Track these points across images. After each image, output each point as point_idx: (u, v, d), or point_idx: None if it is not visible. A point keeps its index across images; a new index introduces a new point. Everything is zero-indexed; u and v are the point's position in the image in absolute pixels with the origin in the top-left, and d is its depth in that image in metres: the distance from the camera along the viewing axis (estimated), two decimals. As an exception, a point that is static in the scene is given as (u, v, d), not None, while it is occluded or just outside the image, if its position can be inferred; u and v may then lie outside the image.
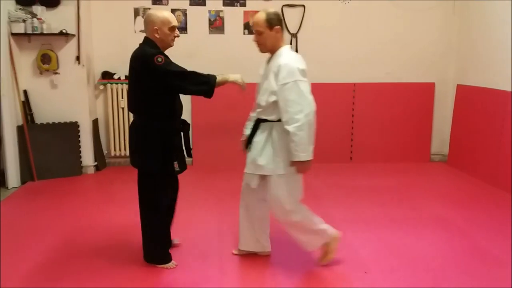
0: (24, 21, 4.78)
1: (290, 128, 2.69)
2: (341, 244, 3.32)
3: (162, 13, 2.83)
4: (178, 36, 2.92)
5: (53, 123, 5.09)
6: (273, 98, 2.76)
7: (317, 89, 5.60)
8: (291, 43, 5.60)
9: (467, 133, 5.43)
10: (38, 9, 4.86)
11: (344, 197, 4.46)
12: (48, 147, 5.02)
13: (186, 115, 5.52)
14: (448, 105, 5.86)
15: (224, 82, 2.83)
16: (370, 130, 5.85)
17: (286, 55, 2.80)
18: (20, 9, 4.82)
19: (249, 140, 2.93)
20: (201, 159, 5.57)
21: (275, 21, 2.79)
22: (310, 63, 5.58)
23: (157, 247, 3.00)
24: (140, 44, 2.90)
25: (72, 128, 5.15)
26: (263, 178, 2.90)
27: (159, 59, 2.71)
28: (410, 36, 5.74)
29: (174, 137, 2.91)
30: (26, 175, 4.95)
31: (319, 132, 5.66)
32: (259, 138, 2.88)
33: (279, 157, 2.81)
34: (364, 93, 5.79)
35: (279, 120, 2.78)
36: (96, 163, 5.38)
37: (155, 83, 2.75)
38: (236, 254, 3.19)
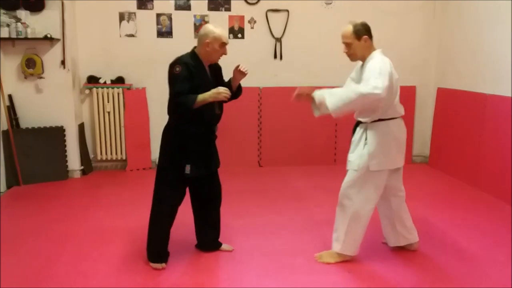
0: (8, 25, 4.77)
1: (361, 88, 2.83)
2: (324, 245, 3.40)
3: (218, 29, 2.96)
4: (225, 54, 3.03)
5: (39, 127, 5.08)
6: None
7: (301, 92, 5.74)
8: (275, 48, 5.69)
9: (447, 135, 5.56)
10: (22, 13, 4.85)
11: (328, 199, 4.51)
12: (34, 152, 5.01)
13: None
14: (428, 107, 5.99)
15: (203, 101, 2.86)
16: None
17: (376, 58, 2.96)
18: (4, 13, 4.81)
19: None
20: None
21: (362, 32, 2.98)
22: (295, 67, 5.76)
23: (149, 242, 3.09)
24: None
25: (57, 133, 5.15)
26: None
27: (177, 69, 2.84)
28: (391, 40, 5.82)
29: (194, 141, 2.97)
30: (12, 180, 4.92)
31: (304, 134, 5.84)
32: (356, 137, 3.11)
33: (373, 157, 2.96)
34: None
35: (373, 121, 2.98)
36: (82, 168, 5.38)
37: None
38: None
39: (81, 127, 5.44)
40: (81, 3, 5.32)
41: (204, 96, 2.84)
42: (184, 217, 3.27)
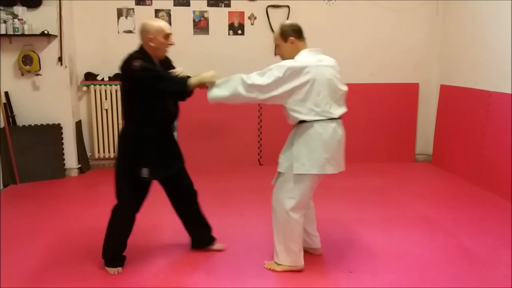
0: (5, 22, 4.70)
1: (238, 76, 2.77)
2: (326, 244, 3.34)
3: (157, 22, 2.88)
4: (172, 44, 2.94)
5: (36, 125, 5.01)
6: (286, 105, 2.85)
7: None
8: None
9: (450, 133, 5.49)
10: (19, 9, 4.78)
11: (328, 198, 4.47)
12: (31, 150, 4.94)
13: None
14: (432, 105, 5.92)
15: (199, 83, 2.80)
16: (355, 131, 5.85)
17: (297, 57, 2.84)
18: (0, 9, 4.75)
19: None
20: (186, 159, 5.54)
21: (289, 33, 2.87)
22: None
23: (105, 246, 3.02)
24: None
25: (55, 130, 5.08)
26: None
27: (136, 63, 2.74)
28: (394, 37, 5.78)
29: (151, 143, 2.87)
30: (8, 178, 4.86)
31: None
32: (289, 137, 2.99)
33: (297, 159, 2.82)
34: (348, 94, 5.73)
35: (300, 122, 2.83)
36: (79, 166, 5.31)
37: (131, 87, 2.81)
38: None
39: (78, 125, 5.37)
40: (79, -1, 5.26)
41: (199, 78, 2.78)
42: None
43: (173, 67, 3.05)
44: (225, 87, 2.80)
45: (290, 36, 2.86)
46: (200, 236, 3.28)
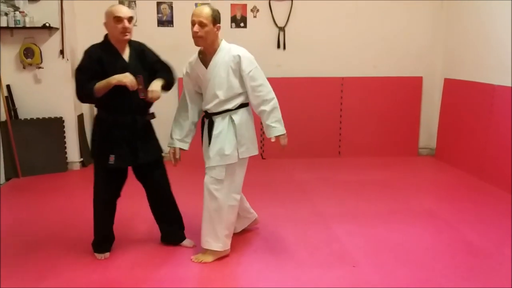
0: (6, 14, 4.68)
1: (268, 107, 2.91)
2: (330, 238, 3.33)
3: (113, 6, 2.86)
4: (127, 28, 2.83)
5: (38, 118, 5.00)
6: (238, 90, 2.90)
7: (305, 83, 5.68)
8: (278, 37, 5.58)
9: (454, 126, 5.45)
10: (20, 2, 4.76)
11: (332, 192, 4.46)
12: (33, 143, 4.93)
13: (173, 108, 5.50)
14: (435, 99, 5.88)
15: (107, 85, 2.77)
16: (358, 125, 5.85)
17: (234, 48, 2.93)
18: (2, 2, 4.72)
19: (209, 135, 2.99)
20: (185, 153, 5.52)
21: (219, 19, 2.89)
22: (298, 57, 5.65)
23: (94, 234, 3.09)
24: None
25: (57, 124, 5.07)
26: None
27: (81, 58, 2.85)
28: (397, 30, 5.74)
29: (117, 131, 2.88)
30: (10, 171, 4.86)
31: (308, 126, 5.74)
32: (219, 129, 2.94)
33: (242, 144, 2.95)
34: (352, 88, 5.78)
35: (239, 107, 2.95)
36: (81, 159, 5.30)
37: None
38: None
39: (80, 118, 5.35)
40: (80, -9, 5.22)
41: (108, 80, 2.76)
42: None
43: (150, 56, 3.02)
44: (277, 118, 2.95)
45: (218, 24, 2.89)
46: (170, 232, 3.25)
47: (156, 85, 2.86)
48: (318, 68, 5.68)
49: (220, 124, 2.94)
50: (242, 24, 5.53)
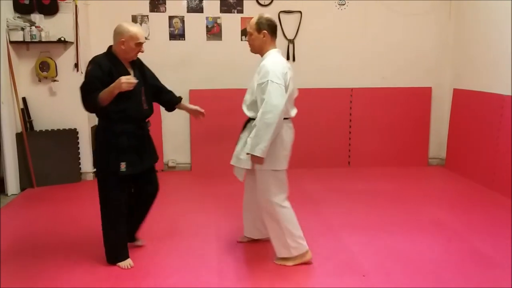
0: (22, 29, 4.81)
1: (257, 122, 2.82)
2: (339, 248, 3.35)
3: (133, 28, 2.94)
4: (142, 52, 3.01)
5: (52, 130, 5.10)
6: (253, 97, 2.97)
7: (314, 94, 5.73)
8: (288, 49, 5.64)
9: (464, 136, 5.46)
10: (36, 17, 4.89)
11: (342, 202, 4.47)
12: (47, 154, 5.03)
13: (184, 120, 5.57)
14: (445, 109, 5.89)
15: (110, 93, 2.84)
16: (368, 135, 5.87)
17: (270, 57, 2.97)
18: (18, 17, 4.85)
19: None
20: (199, 164, 5.59)
21: (264, 26, 2.97)
22: (307, 68, 5.71)
23: (108, 246, 3.12)
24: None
25: (71, 135, 5.17)
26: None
27: (89, 67, 2.91)
28: (406, 41, 5.78)
29: (125, 138, 2.96)
30: (26, 182, 4.96)
31: (317, 137, 5.78)
32: (245, 134, 3.05)
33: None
34: (361, 98, 5.82)
35: None
36: (95, 170, 5.37)
37: None
38: (240, 242, 3.47)
39: (93, 130, 5.44)
40: (94, 6, 5.34)
41: (109, 89, 2.83)
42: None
43: (148, 70, 3.21)
44: (257, 135, 2.82)
45: (264, 30, 2.97)
46: (133, 231, 3.37)
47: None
48: (328, 79, 5.73)
49: (246, 130, 3.05)
50: (252, 37, 5.61)
